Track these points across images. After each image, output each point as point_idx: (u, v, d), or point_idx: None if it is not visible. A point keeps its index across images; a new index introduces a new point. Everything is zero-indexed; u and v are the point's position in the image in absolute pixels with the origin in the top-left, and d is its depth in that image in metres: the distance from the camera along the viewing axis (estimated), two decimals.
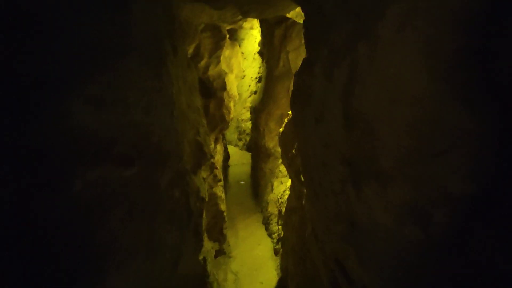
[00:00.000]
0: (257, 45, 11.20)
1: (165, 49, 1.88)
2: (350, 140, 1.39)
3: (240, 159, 10.40)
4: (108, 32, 1.44)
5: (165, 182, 1.61)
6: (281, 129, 4.15)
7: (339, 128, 1.44)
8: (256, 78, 11.13)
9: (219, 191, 4.46)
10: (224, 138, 9.79)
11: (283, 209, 4.69)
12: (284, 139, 3.84)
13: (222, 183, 4.65)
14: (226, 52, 4.66)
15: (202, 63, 4.27)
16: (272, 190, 5.92)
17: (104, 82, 1.39)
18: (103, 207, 1.24)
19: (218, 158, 5.05)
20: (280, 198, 5.05)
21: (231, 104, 4.46)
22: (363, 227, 1.49)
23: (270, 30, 7.23)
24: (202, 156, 2.53)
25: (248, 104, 11.30)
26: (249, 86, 11.50)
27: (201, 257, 3.08)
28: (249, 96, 11.40)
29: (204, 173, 3.02)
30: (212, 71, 4.35)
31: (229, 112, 4.39)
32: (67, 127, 1.23)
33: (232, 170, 9.33)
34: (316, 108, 1.60)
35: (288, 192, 4.62)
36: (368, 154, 1.29)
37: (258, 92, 9.02)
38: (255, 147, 7.70)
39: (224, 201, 4.70)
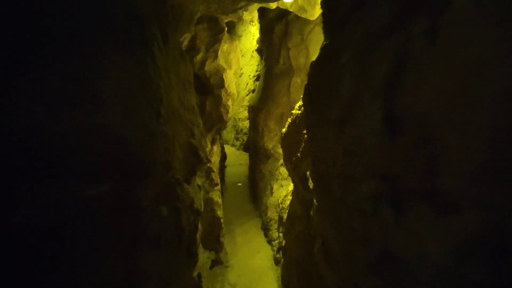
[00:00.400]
0: (255, 42, 10.85)
1: (152, 33, 1.53)
2: (391, 148, 1.05)
3: (237, 159, 10.06)
4: (76, 6, 1.08)
5: (148, 199, 1.26)
6: (283, 130, 3.81)
7: (375, 133, 1.10)
8: (254, 76, 10.78)
9: (216, 196, 4.11)
10: (220, 137, 9.44)
11: (284, 215, 4.35)
12: (287, 141, 3.51)
13: (219, 187, 4.30)
14: (224, 47, 4.31)
15: (198, 57, 3.90)
16: (271, 193, 5.59)
17: (67, 71, 1.04)
18: (59, 242, 0.89)
19: (215, 159, 4.69)
20: (281, 203, 4.72)
21: (229, 103, 4.10)
22: (403, 259, 1.16)
23: (269, 26, 6.88)
24: (197, 162, 2.18)
25: (246, 103, 10.96)
26: (247, 84, 11.15)
27: (195, 274, 2.74)
28: (247, 95, 11.05)
29: (199, 180, 2.67)
30: (209, 66, 3.99)
31: (227, 111, 4.03)
32: (7, 132, 0.87)
33: (229, 171, 8.98)
34: (341, 106, 1.26)
35: (290, 197, 4.28)
36: (420, 169, 0.96)
37: (256, 91, 8.67)
38: (253, 147, 7.36)
39: (221, 207, 4.35)
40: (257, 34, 10.25)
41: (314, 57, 5.61)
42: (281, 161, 5.99)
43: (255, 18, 10.15)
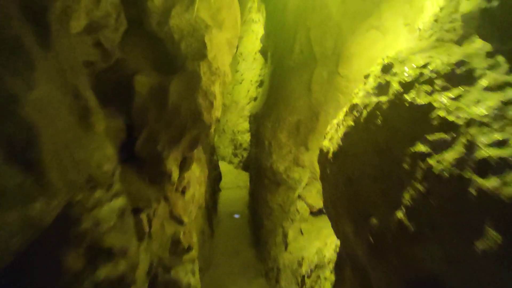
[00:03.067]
0: (258, 43, 8.97)
1: None
2: None
3: (235, 180, 7.93)
4: None
5: None
6: (325, 143, 1.76)
7: None
8: (256, 81, 8.83)
9: (185, 274, 1.98)
10: (214, 153, 7.35)
11: None
12: (342, 171, 1.44)
13: (193, 254, 2.16)
14: None
15: (156, 1, 1.90)
16: (285, 244, 3.44)
17: None
18: None
19: (192, 192, 2.59)
20: (308, 274, 2.57)
21: (216, 88, 2.02)
22: None
23: (279, 3, 4.96)
24: None
25: (246, 113, 8.95)
26: (248, 91, 9.18)
27: None
28: (248, 103, 9.06)
29: None
30: (177, 20, 1.97)
31: (212, 104, 1.95)
32: None
33: (224, 196, 6.85)
34: None
35: (329, 273, 2.17)
36: None
37: (260, 96, 6.68)
38: (256, 168, 5.26)
39: None
40: (260, 33, 8.38)
41: (350, 37, 3.61)
42: (298, 191, 3.90)
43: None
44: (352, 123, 1.44)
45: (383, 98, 1.26)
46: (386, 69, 1.34)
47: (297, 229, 3.48)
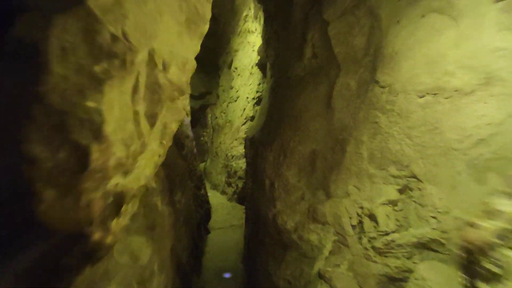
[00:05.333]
0: (255, 56, 7.77)
1: None
2: None
3: (227, 216, 6.43)
4: None
5: None
6: None
7: None
8: (254, 98, 7.54)
9: None
10: (202, 186, 5.92)
11: None
12: None
13: None
14: None
15: None
16: None
17: None
18: None
19: None
20: None
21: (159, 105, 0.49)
22: None
23: None
24: None
25: (242, 135, 7.62)
26: (244, 110, 7.88)
27: None
28: (243, 124, 7.74)
29: None
30: None
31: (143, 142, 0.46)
32: None
33: (213, 241, 5.34)
34: None
35: None
36: None
37: (257, 115, 5.38)
38: (252, 210, 3.82)
39: None
40: (258, 43, 7.20)
41: (394, 28, 2.28)
42: (318, 264, 2.46)
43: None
44: None
45: None
46: None
47: None
